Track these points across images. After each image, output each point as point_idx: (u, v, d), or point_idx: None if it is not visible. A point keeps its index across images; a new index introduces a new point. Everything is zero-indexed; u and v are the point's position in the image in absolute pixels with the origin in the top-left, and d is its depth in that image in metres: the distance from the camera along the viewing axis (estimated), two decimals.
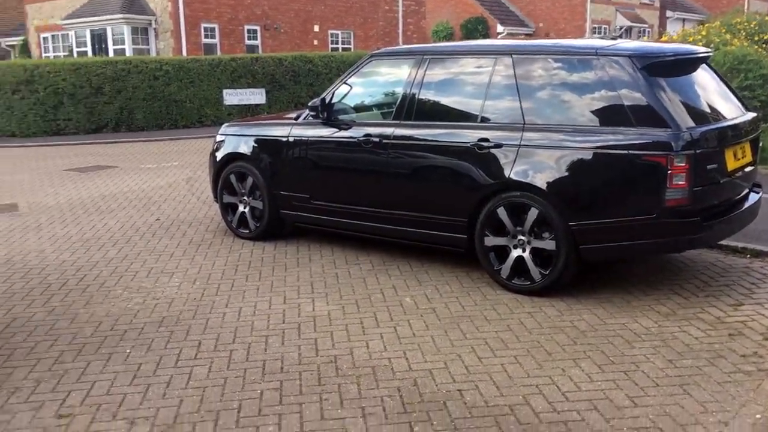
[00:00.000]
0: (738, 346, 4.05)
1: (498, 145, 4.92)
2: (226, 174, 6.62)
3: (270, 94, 18.53)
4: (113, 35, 22.88)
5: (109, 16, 22.57)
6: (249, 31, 24.64)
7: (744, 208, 5.02)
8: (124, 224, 7.36)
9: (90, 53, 23.10)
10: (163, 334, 4.44)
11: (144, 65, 16.91)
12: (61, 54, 24.49)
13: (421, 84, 5.41)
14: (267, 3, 24.99)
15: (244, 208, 6.54)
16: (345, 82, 5.95)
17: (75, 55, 23.35)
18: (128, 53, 22.16)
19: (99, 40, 23.27)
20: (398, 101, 5.53)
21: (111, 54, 22.28)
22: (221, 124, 7.53)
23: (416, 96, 5.42)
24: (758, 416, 3.29)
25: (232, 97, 17.71)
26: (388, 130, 5.47)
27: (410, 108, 5.42)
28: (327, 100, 5.90)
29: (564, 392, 3.56)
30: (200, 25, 23.10)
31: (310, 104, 6.01)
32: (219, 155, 6.70)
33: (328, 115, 5.90)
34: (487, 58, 5.18)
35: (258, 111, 18.17)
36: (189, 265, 5.86)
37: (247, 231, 6.54)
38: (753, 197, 5.21)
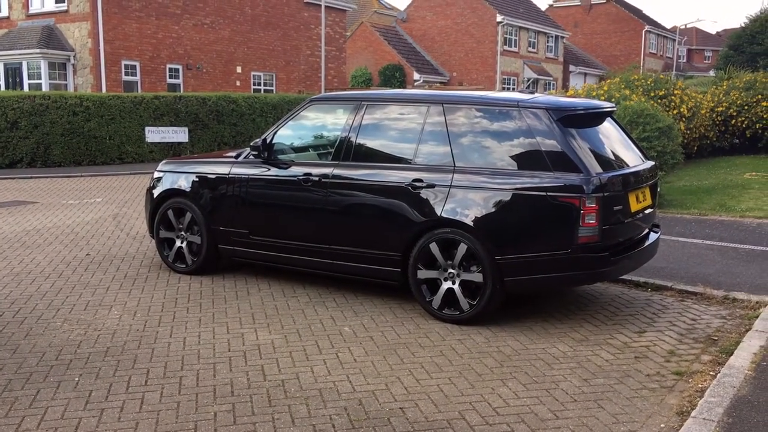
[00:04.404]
0: (643, 367, 4.57)
1: (431, 185, 5.35)
2: (163, 209, 6.77)
3: (193, 132, 18.55)
4: (29, 70, 22.36)
5: (25, 50, 22.09)
6: (171, 69, 24.61)
7: (645, 245, 5.65)
8: (53, 259, 7.33)
9: (3, 87, 22.45)
10: (110, 363, 4.55)
11: (63, 101, 16.67)
12: None
13: (359, 128, 5.81)
14: (189, 43, 25.09)
15: (182, 243, 6.69)
16: (285, 124, 6.28)
17: None
18: (44, 88, 21.69)
19: (14, 74, 22.67)
20: (337, 143, 5.89)
21: (26, 88, 21.74)
22: (142, 162, 7.65)
23: (354, 138, 5.80)
24: (662, 425, 3.77)
25: (155, 134, 17.62)
26: (328, 170, 5.82)
27: (348, 149, 5.80)
28: (268, 141, 6.21)
29: (494, 408, 3.95)
30: (121, 62, 22.92)
31: (251, 144, 6.29)
32: (157, 191, 6.85)
33: (269, 154, 6.20)
34: (421, 105, 5.65)
35: (181, 149, 18.13)
36: (127, 298, 5.95)
37: (184, 265, 6.69)
38: (653, 236, 5.87)
